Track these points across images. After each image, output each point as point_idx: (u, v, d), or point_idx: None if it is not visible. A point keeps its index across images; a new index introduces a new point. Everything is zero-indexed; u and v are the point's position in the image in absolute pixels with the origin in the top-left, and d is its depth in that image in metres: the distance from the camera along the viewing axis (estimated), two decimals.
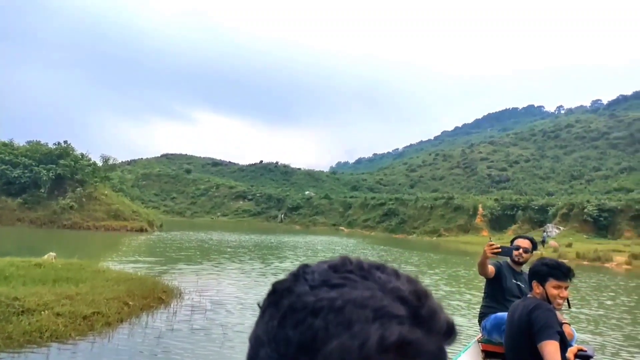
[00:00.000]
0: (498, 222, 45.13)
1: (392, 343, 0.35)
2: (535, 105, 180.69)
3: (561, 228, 38.56)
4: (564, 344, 2.78)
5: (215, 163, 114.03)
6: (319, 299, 0.38)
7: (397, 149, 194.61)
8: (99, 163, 36.43)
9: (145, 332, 5.91)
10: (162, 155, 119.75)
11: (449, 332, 0.39)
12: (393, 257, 21.75)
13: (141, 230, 28.32)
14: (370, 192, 75.59)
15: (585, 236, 35.83)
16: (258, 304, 0.43)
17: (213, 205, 77.34)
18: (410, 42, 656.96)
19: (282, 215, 69.41)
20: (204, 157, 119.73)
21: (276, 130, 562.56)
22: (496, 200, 49.35)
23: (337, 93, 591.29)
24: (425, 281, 13.16)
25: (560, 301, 2.70)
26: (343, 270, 0.41)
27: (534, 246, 4.52)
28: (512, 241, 4.76)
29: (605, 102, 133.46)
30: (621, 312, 9.98)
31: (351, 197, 69.38)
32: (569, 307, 3.61)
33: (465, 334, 6.66)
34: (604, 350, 6.60)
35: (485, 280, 4.87)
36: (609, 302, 11.21)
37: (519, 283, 4.43)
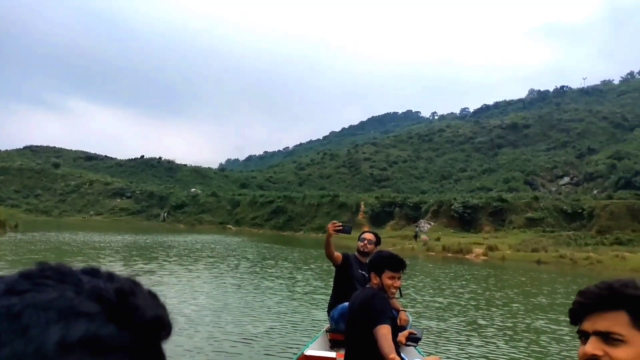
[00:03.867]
0: (378, 219, 47.61)
1: (75, 341, 0.34)
2: (413, 111, 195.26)
3: (432, 223, 41.94)
4: (396, 329, 3.04)
5: (89, 157, 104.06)
6: None
7: (288, 147, 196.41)
8: None
9: None
10: (25, 147, 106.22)
11: (158, 327, 0.39)
12: (274, 254, 21.66)
13: None
14: (259, 190, 75.11)
15: (452, 230, 39.34)
16: None
17: (85, 203, 70.61)
18: (302, 41, 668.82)
19: (165, 214, 65.78)
20: (75, 150, 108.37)
21: (160, 124, 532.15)
22: (377, 197, 52.03)
23: (228, 87, 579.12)
24: (298, 277, 13.28)
25: (393, 290, 2.93)
26: (37, 276, 0.38)
27: (378, 240, 4.80)
28: (360, 234, 4.99)
29: (471, 110, 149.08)
30: (468, 299, 10.92)
31: (240, 194, 68.16)
32: (401, 295, 3.87)
33: (320, 326, 6.68)
34: (446, 336, 7.07)
35: (335, 271, 4.97)
36: (460, 290, 12.24)
37: (363, 273, 4.68)
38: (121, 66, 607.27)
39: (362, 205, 50.41)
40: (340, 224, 4.45)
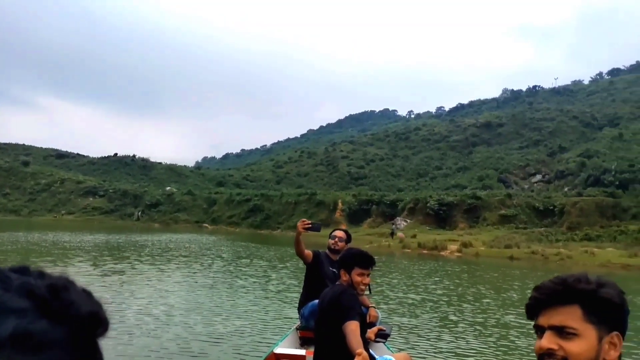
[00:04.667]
0: (355, 216, 47.78)
1: (5, 337, 0.33)
2: (390, 109, 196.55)
3: (408, 221, 42.29)
4: (365, 325, 3.12)
5: (60, 154, 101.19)
6: None
7: (265, 145, 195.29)
8: None
9: None
10: None
11: (94, 323, 0.39)
12: (249, 252, 21.47)
13: None
14: (236, 188, 74.45)
15: (427, 228, 39.71)
16: None
17: (57, 202, 68.72)
18: (280, 40, 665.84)
19: (139, 213, 64.54)
20: (45, 148, 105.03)
21: (134, 121, 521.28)
22: (354, 195, 52.20)
23: (205, 85, 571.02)
24: (272, 275, 13.16)
25: (362, 287, 2.96)
26: None
27: (349, 237, 4.79)
28: (331, 232, 4.96)
29: (447, 109, 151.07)
30: (440, 295, 11.01)
31: (216, 193, 67.44)
32: (370, 292, 3.88)
33: (292, 324, 6.61)
34: (417, 332, 7.08)
35: (305, 269, 4.93)
36: (433, 287, 12.33)
37: (334, 270, 4.68)
38: (94, 62, 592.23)
39: (339, 203, 50.49)
40: (310, 222, 4.52)
